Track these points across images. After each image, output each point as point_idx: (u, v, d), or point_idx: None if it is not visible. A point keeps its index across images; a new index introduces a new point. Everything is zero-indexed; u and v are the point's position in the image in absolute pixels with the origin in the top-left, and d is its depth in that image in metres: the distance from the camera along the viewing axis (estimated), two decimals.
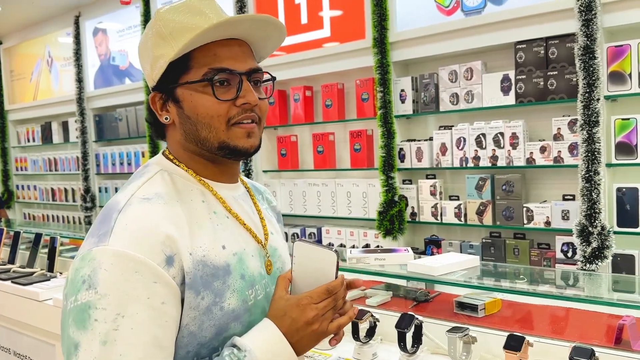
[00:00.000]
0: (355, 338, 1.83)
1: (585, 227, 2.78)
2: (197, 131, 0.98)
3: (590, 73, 2.74)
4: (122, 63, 5.46)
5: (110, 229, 0.89)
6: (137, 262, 0.86)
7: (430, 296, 2.12)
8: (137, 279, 0.85)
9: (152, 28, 0.99)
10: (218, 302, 0.93)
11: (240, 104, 0.97)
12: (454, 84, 3.35)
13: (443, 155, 3.39)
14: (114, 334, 0.82)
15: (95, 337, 0.82)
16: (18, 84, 6.88)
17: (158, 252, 0.88)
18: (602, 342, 1.63)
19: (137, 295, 0.85)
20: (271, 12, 4.13)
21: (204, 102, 0.96)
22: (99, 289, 0.84)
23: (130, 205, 0.93)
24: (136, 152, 5.31)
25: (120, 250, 0.86)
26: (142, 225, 0.89)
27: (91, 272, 0.85)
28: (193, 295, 0.91)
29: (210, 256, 0.94)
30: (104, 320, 0.83)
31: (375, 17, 3.50)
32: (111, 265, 0.85)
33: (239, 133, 0.98)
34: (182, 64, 0.96)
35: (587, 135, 2.76)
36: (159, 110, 1.02)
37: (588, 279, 2.06)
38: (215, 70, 0.96)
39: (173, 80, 0.98)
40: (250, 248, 1.03)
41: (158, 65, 0.98)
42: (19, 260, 3.31)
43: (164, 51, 0.96)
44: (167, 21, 0.97)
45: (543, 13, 2.96)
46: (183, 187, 1.00)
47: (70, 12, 5.80)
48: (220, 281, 0.94)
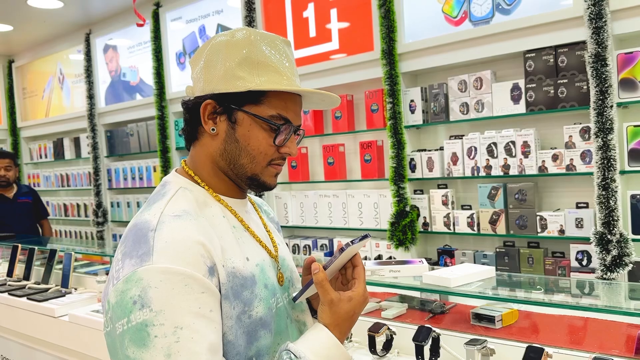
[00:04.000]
0: (372, 351, 1.82)
1: (603, 235, 2.76)
2: (238, 156, 1.05)
3: (602, 80, 2.74)
4: (133, 79, 5.51)
5: (150, 248, 0.92)
6: (185, 275, 0.90)
7: (446, 308, 2.11)
8: (187, 291, 0.90)
9: (241, 47, 1.04)
10: (247, 311, 0.99)
11: (283, 152, 1.08)
12: (463, 93, 3.35)
13: (454, 165, 3.39)
14: (176, 346, 0.86)
15: (158, 352, 0.86)
16: (30, 101, 6.97)
17: (201, 264, 0.93)
18: (622, 352, 1.61)
19: (189, 306, 0.89)
20: (280, 25, 4.17)
21: (259, 138, 1.05)
22: (152, 306, 0.87)
23: (163, 223, 0.96)
24: (147, 167, 5.34)
25: (166, 267, 0.90)
26: (182, 240, 0.93)
27: (141, 292, 0.88)
28: (228, 306, 0.96)
29: (239, 267, 1.00)
30: (164, 335, 0.86)
31: (383, 29, 3.52)
32: (160, 282, 0.89)
33: (271, 172, 1.09)
34: (256, 95, 1.03)
35: (601, 143, 2.75)
36: (206, 118, 1.05)
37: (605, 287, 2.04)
38: (283, 118, 1.05)
39: (239, 102, 1.03)
40: (267, 260, 1.10)
41: (234, 84, 1.02)
42: (34, 276, 3.33)
43: (246, 76, 1.02)
44: (259, 51, 1.04)
45: (552, 22, 2.96)
46: (203, 204, 1.05)
47: (80, 30, 5.88)
48: (249, 291, 1.00)
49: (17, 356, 3.04)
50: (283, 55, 1.07)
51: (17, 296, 3.01)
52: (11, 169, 4.70)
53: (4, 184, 4.67)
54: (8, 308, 3.03)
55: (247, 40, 1.04)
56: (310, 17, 4.01)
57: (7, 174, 4.65)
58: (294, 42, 4.11)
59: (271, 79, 1.03)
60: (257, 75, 1.03)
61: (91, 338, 2.52)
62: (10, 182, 4.70)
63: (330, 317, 1.02)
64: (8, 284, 3.28)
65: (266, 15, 4.25)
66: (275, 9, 4.20)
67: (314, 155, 4.23)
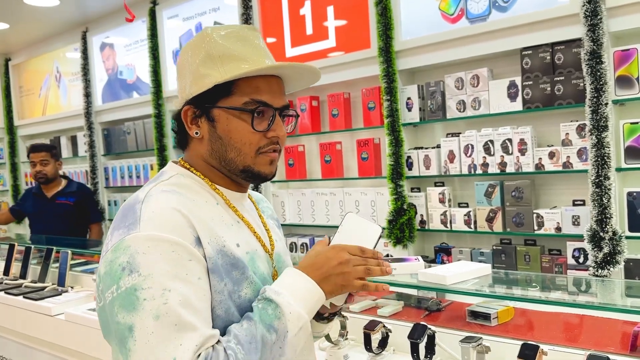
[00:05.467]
0: (367, 349, 1.82)
1: (596, 232, 2.76)
2: (225, 152, 1.06)
3: (597, 78, 2.74)
4: (130, 77, 5.50)
5: (137, 218, 0.95)
6: (172, 242, 0.93)
7: (442, 305, 2.11)
8: (175, 257, 0.92)
9: (201, 46, 1.05)
10: (236, 291, 1.00)
11: (270, 136, 1.06)
12: (460, 91, 3.35)
13: (451, 163, 3.39)
14: (164, 308, 0.88)
15: (147, 314, 0.88)
16: (27, 99, 6.95)
17: (188, 234, 0.95)
18: (618, 350, 1.61)
19: (176, 272, 0.91)
20: (276, 23, 4.16)
21: (239, 129, 1.04)
22: (141, 271, 0.90)
23: (151, 196, 1.00)
24: (145, 165, 5.33)
25: (153, 234, 0.92)
26: (169, 209, 0.97)
27: (129, 258, 0.91)
28: (217, 280, 0.98)
29: (230, 247, 1.02)
30: (153, 297, 0.88)
31: (380, 27, 3.51)
32: (148, 247, 0.91)
33: (263, 160, 1.08)
34: (225, 88, 1.03)
35: (596, 140, 2.75)
36: (189, 124, 1.08)
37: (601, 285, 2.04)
38: (256, 102, 1.04)
39: (212, 100, 1.04)
40: (261, 251, 1.11)
41: (202, 83, 1.03)
42: (31, 275, 3.33)
43: (210, 72, 1.03)
44: (218, 44, 1.04)
45: (548, 19, 2.95)
46: (199, 190, 1.07)
47: (77, 28, 5.86)
48: (239, 272, 1.02)
49: (13, 355, 3.04)
50: (245, 42, 1.06)
51: (13, 295, 3.01)
52: (48, 163, 4.14)
53: (42, 180, 4.16)
54: (4, 307, 3.03)
55: (205, 38, 1.06)
56: (307, 14, 4.00)
57: (44, 169, 4.12)
58: (291, 40, 4.10)
59: (234, 67, 1.03)
60: (220, 68, 1.03)
61: (87, 336, 2.52)
62: (49, 177, 4.16)
63: (305, 261, 1.05)
64: (4, 283, 3.27)
65: (263, 13, 4.25)
66: (271, 7, 4.19)
67: (311, 153, 4.23)
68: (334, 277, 1.02)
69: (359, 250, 1.05)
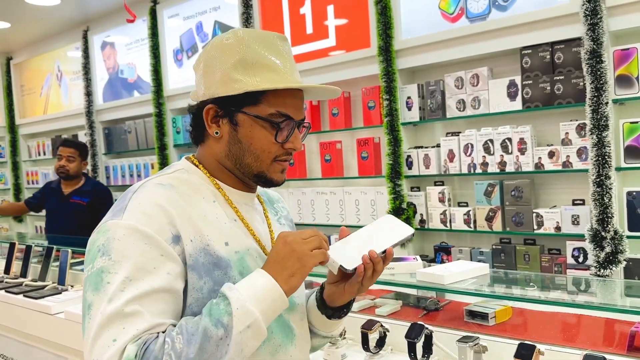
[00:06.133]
0: (365, 348, 1.82)
1: (597, 232, 2.76)
2: (243, 156, 1.09)
3: (597, 77, 2.73)
4: (131, 76, 5.51)
5: (124, 206, 1.00)
6: (146, 235, 0.96)
7: (440, 305, 2.11)
8: (146, 249, 0.95)
9: (235, 49, 1.07)
10: (217, 290, 1.00)
11: (288, 147, 1.10)
12: (460, 90, 3.35)
13: (451, 162, 3.38)
14: (119, 294, 0.91)
15: (104, 296, 0.92)
16: (28, 98, 6.96)
17: (166, 231, 0.98)
18: (615, 350, 1.61)
19: (144, 263, 0.94)
20: (277, 22, 4.16)
21: (261, 137, 1.07)
22: (112, 255, 0.94)
23: (144, 187, 1.04)
24: (145, 164, 5.34)
25: (131, 224, 0.96)
26: (153, 204, 0.99)
27: (105, 241, 0.96)
28: (196, 277, 1.00)
29: (214, 247, 1.03)
30: (114, 282, 0.92)
31: (380, 26, 3.51)
32: (123, 235, 0.96)
33: (277, 168, 1.11)
34: (253, 95, 1.06)
35: (596, 140, 2.74)
36: (210, 122, 1.09)
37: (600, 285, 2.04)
38: (282, 115, 1.07)
39: (238, 104, 1.06)
40: (254, 251, 1.11)
41: (231, 86, 1.05)
42: (31, 273, 3.33)
43: (243, 78, 1.05)
44: (253, 51, 1.07)
45: (548, 18, 2.95)
46: (199, 186, 1.09)
47: (78, 27, 5.87)
48: (222, 271, 1.03)
49: (13, 353, 3.05)
50: (277, 52, 1.09)
51: (13, 293, 3.01)
52: (74, 160, 4.09)
53: (63, 176, 4.10)
54: (5, 305, 3.04)
55: (240, 42, 1.07)
56: (307, 13, 4.00)
57: (67, 165, 4.06)
58: (291, 39, 4.10)
59: (267, 78, 1.05)
60: (253, 76, 1.05)
61: None
62: (70, 174, 4.11)
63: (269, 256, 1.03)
64: (5, 281, 3.28)
65: (263, 12, 4.25)
66: (272, 6, 4.19)
67: (311, 153, 4.23)
68: (287, 260, 1.00)
69: (311, 231, 1.04)
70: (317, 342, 1.31)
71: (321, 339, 1.30)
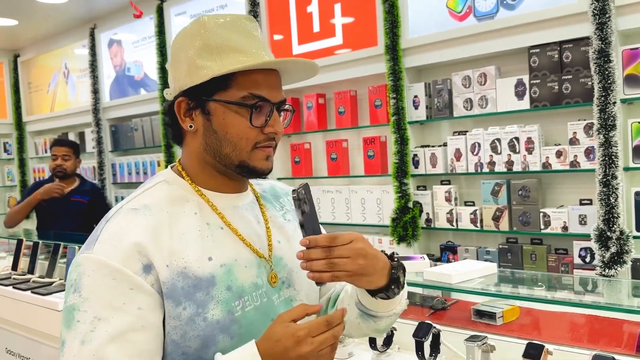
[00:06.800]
0: (372, 347, 1.82)
1: (603, 232, 2.75)
2: (220, 147, 1.01)
3: (605, 76, 2.72)
4: (137, 74, 5.52)
5: (96, 238, 0.96)
6: (114, 270, 0.92)
7: (447, 304, 2.11)
8: (114, 285, 0.91)
9: (197, 35, 1.01)
10: (201, 313, 0.95)
11: (268, 132, 1.02)
12: (467, 89, 3.34)
13: (458, 161, 3.38)
14: (90, 335, 0.89)
15: (76, 336, 0.90)
16: (36, 95, 6.99)
17: (135, 261, 0.93)
18: (623, 350, 1.60)
19: (112, 300, 0.91)
20: (283, 20, 4.16)
21: (235, 123, 1.00)
22: (82, 292, 0.92)
23: (116, 215, 0.99)
24: (152, 162, 5.35)
25: (100, 259, 0.92)
26: (122, 235, 0.95)
27: (77, 277, 0.93)
28: (172, 305, 0.94)
29: (193, 268, 0.97)
30: (84, 321, 0.90)
31: (387, 24, 3.50)
32: (92, 271, 0.92)
33: (259, 155, 1.03)
34: (222, 80, 0.99)
35: (603, 139, 2.73)
36: (183, 116, 1.03)
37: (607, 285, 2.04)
38: (255, 96, 1.00)
39: (208, 92, 1.00)
40: (244, 259, 1.04)
41: (198, 74, 0.99)
42: (38, 270, 3.35)
43: (208, 64, 0.99)
44: (216, 34, 1.00)
45: (556, 17, 2.94)
46: (178, 199, 1.03)
47: (85, 25, 5.89)
48: (203, 292, 0.96)
49: (21, 349, 3.07)
50: (244, 33, 1.02)
51: (21, 290, 3.03)
52: (70, 159, 4.11)
53: (60, 175, 4.09)
54: (12, 301, 3.05)
55: (202, 27, 1.01)
56: (314, 12, 4.00)
57: (64, 164, 4.07)
58: (298, 37, 4.10)
59: (233, 60, 0.99)
60: (219, 60, 0.99)
61: None
62: (67, 173, 4.12)
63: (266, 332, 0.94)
64: (13, 278, 3.29)
65: (270, 10, 4.25)
66: (279, 4, 4.19)
67: (317, 151, 4.23)
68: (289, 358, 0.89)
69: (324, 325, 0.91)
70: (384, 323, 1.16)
71: (386, 319, 1.15)
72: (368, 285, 1.04)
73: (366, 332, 1.20)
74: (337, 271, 0.97)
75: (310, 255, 0.97)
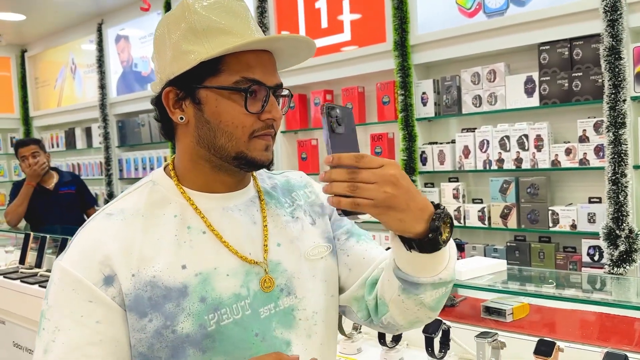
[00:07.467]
0: (381, 343, 1.82)
1: (612, 230, 2.74)
2: (214, 137, 0.93)
3: (616, 74, 2.70)
4: (144, 69, 5.52)
5: (70, 243, 0.94)
6: (75, 280, 0.88)
7: (456, 301, 2.10)
8: (74, 297, 0.88)
9: (181, 18, 0.93)
10: (170, 326, 0.89)
11: (265, 119, 0.94)
12: (476, 86, 3.32)
13: (466, 158, 3.37)
14: (51, 345, 0.87)
15: (41, 344, 0.89)
16: (43, 90, 7.01)
17: (96, 272, 0.89)
18: (634, 348, 1.59)
19: (71, 312, 0.88)
20: (291, 17, 4.15)
21: (230, 110, 0.92)
22: (48, 300, 0.90)
23: (91, 221, 0.96)
24: (158, 157, 5.36)
25: (64, 267, 0.90)
26: (86, 244, 0.91)
27: (49, 282, 0.92)
28: (135, 318, 0.89)
29: (163, 277, 0.90)
30: (47, 330, 0.88)
31: (396, 20, 3.49)
32: (58, 280, 0.90)
33: (258, 145, 0.94)
34: (211, 65, 0.91)
35: (613, 137, 2.71)
36: (172, 108, 0.95)
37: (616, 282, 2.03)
38: (248, 80, 0.91)
39: (197, 80, 0.92)
40: (226, 267, 0.94)
41: (185, 60, 0.91)
42: (46, 264, 3.36)
43: (195, 48, 0.91)
44: (201, 16, 0.92)
45: (567, 14, 2.92)
46: (159, 201, 0.96)
47: (93, 20, 5.89)
48: (173, 303, 0.89)
49: (27, 342, 3.08)
50: (231, 13, 0.93)
51: (29, 283, 3.04)
52: (39, 154, 4.07)
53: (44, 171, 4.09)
54: (20, 295, 3.06)
55: (186, 10, 0.93)
56: (322, 8, 3.99)
57: (39, 160, 4.05)
58: (306, 33, 4.09)
59: (222, 42, 0.90)
60: (206, 43, 0.90)
61: None
62: (49, 167, 4.15)
63: None
64: (20, 272, 3.31)
65: (278, 6, 4.24)
66: (287, 0, 4.19)
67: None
68: None
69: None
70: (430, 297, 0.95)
71: (431, 287, 0.93)
72: (398, 226, 0.86)
73: (413, 310, 0.97)
74: (359, 197, 0.82)
75: (331, 176, 0.84)
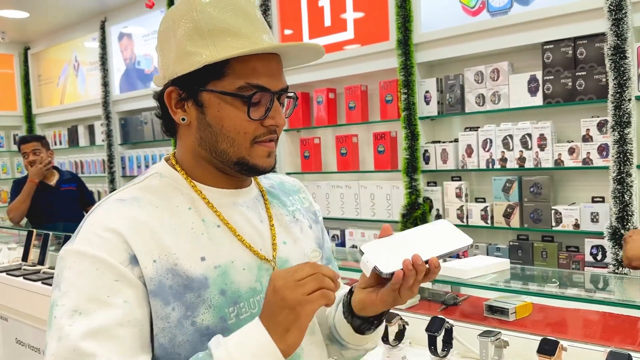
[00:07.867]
0: (384, 341, 1.82)
1: (617, 230, 2.73)
2: (216, 142, 0.92)
3: (620, 73, 2.69)
4: (147, 67, 5.52)
5: (79, 230, 0.89)
6: (97, 260, 0.83)
7: (459, 299, 2.10)
8: (98, 275, 0.83)
9: (186, 16, 0.90)
10: (190, 316, 0.87)
11: (268, 125, 0.92)
12: (480, 84, 3.32)
13: (469, 157, 3.36)
14: (68, 330, 0.80)
15: (54, 334, 0.81)
16: (46, 88, 7.01)
17: (120, 251, 0.85)
18: (637, 347, 1.59)
19: (96, 292, 0.82)
20: (295, 15, 4.15)
21: (232, 116, 0.90)
22: (62, 286, 0.84)
23: (101, 206, 0.92)
24: (161, 155, 5.36)
25: (81, 249, 0.85)
26: (106, 224, 0.87)
27: (59, 271, 0.86)
28: (160, 304, 0.86)
29: (184, 266, 0.88)
30: (62, 316, 0.81)
31: (399, 19, 3.48)
32: (74, 262, 0.84)
33: (260, 152, 0.93)
34: (216, 68, 0.89)
35: (618, 137, 2.71)
36: (174, 107, 0.94)
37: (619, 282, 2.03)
38: (253, 86, 0.89)
39: (200, 82, 0.90)
40: (241, 261, 0.94)
41: (189, 62, 0.89)
42: (48, 261, 3.36)
43: (200, 50, 0.88)
44: (208, 16, 0.89)
45: (571, 13, 2.91)
46: (172, 193, 0.94)
47: (96, 18, 5.90)
48: (194, 294, 0.87)
49: (31, 339, 3.08)
50: (239, 13, 0.90)
51: (32, 280, 3.05)
52: (41, 152, 4.09)
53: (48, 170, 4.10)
54: (23, 292, 3.07)
55: (192, 8, 0.90)
56: (325, 6, 3.99)
57: (42, 157, 4.07)
58: (309, 32, 4.09)
59: (228, 45, 0.87)
60: (212, 45, 0.88)
61: None
62: (52, 165, 4.17)
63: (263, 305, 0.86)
64: (23, 269, 3.31)
65: (281, 4, 4.24)
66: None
67: (327, 146, 4.22)
68: (278, 313, 0.82)
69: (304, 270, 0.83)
70: (350, 355, 1.09)
71: (353, 351, 1.07)
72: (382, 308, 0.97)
73: (333, 351, 1.10)
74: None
75: None
